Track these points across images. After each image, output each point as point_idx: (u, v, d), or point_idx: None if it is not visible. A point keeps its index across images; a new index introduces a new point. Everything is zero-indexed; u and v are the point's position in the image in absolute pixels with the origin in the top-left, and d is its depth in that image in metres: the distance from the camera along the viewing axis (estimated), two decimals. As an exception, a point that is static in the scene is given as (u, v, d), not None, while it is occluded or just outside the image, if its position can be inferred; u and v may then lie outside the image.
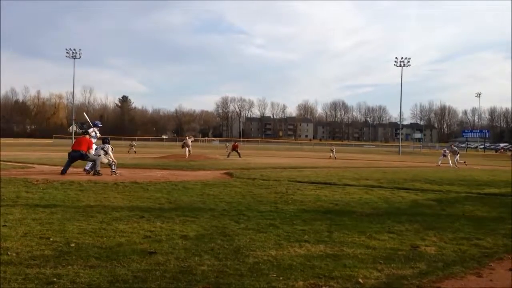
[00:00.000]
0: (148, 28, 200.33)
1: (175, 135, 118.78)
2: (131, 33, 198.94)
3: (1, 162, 17.13)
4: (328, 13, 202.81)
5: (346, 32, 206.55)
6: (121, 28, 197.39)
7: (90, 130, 14.93)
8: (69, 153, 13.63)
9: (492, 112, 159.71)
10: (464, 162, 27.08)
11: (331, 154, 36.75)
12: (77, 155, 13.34)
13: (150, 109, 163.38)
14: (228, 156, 31.03)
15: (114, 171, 13.53)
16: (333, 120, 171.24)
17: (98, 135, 15.30)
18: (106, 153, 13.99)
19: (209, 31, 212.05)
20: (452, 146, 28.99)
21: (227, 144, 44.02)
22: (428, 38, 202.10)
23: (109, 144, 14.48)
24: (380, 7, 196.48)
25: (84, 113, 19.45)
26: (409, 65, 66.88)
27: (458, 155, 27.16)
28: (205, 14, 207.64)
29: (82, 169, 13.77)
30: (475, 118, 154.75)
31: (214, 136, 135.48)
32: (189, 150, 28.23)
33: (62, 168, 13.35)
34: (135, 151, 36.55)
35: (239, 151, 31.96)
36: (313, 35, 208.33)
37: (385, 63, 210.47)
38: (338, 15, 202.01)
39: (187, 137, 31.01)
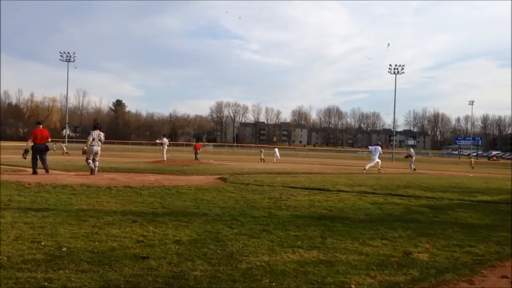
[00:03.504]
0: (143, 32, 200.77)
1: (169, 139, 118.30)
2: (126, 37, 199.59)
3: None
4: (323, 19, 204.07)
5: (341, 38, 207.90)
6: (116, 32, 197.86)
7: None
8: (33, 146, 13.98)
9: (485, 119, 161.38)
10: (414, 169, 26.72)
11: (261, 157, 36.95)
12: (44, 148, 14.05)
13: (144, 113, 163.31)
14: (196, 158, 31.34)
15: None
16: (327, 126, 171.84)
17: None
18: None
19: (204, 36, 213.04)
20: (411, 149, 29.18)
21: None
22: (422, 46, 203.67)
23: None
24: (375, 14, 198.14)
25: None
26: (403, 72, 67.47)
27: (413, 159, 27.45)
28: (201, 19, 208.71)
29: (72, 173, 13.71)
30: (468, 126, 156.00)
31: (208, 141, 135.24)
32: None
33: (32, 168, 13.83)
34: (67, 152, 36.44)
35: (199, 153, 32.06)
36: (308, 41, 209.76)
37: (379, 69, 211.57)
38: (333, 22, 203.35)
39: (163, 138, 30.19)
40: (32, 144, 14.10)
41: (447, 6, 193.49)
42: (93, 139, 14.37)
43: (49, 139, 14.58)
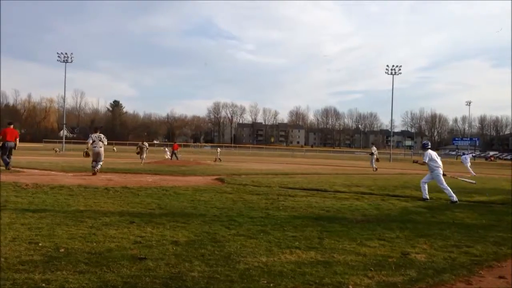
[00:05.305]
0: (140, 32, 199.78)
1: (166, 140, 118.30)
2: (122, 37, 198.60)
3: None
4: (318, 19, 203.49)
5: (336, 38, 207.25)
6: (112, 32, 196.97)
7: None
8: (4, 144, 14.86)
9: (482, 120, 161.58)
10: (374, 169, 26.46)
11: (217, 156, 37.17)
12: (12, 145, 15.04)
13: (141, 114, 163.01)
14: (171, 158, 32.22)
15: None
16: (325, 126, 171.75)
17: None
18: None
19: (200, 36, 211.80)
20: (373, 147, 28.83)
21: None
22: (417, 45, 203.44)
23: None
24: (370, 14, 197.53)
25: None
26: (400, 73, 67.32)
27: (374, 157, 27.35)
28: (196, 19, 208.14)
29: (70, 174, 13.67)
30: (465, 126, 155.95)
31: (206, 142, 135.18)
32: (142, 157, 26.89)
33: (5, 165, 14.67)
34: None
35: (178, 154, 33.02)
36: (303, 41, 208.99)
37: (375, 69, 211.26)
38: (328, 21, 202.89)
39: (142, 142, 29.04)
40: (2, 142, 14.95)
41: (442, 5, 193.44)
42: (93, 141, 15.09)
43: (17, 139, 15.51)
